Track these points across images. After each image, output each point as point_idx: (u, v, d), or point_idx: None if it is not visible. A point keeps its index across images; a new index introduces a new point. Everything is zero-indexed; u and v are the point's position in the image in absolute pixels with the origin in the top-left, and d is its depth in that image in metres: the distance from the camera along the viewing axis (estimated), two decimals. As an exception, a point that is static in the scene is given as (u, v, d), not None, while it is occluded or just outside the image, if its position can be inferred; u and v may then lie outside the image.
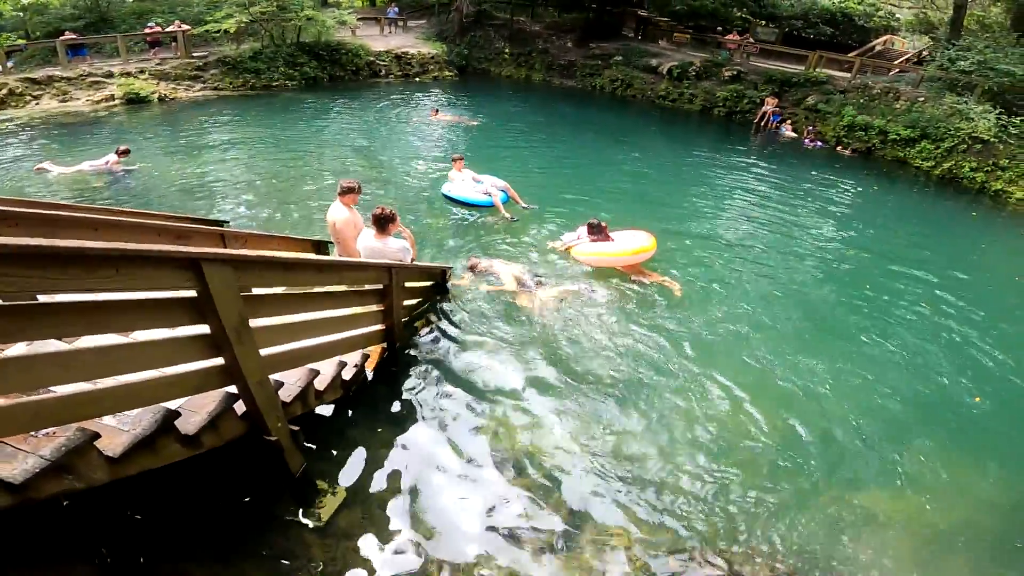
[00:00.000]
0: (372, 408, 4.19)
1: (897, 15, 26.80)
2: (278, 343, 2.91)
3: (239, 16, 15.95)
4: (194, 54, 16.61)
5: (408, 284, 4.69)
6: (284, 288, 3.82)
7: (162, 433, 2.22)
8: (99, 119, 12.75)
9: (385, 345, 4.47)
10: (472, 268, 6.19)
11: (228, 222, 6.31)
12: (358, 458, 3.69)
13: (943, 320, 6.49)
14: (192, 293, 2.22)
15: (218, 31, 16.20)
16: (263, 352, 2.66)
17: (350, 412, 4.10)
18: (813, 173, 12.39)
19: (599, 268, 6.50)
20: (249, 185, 9.17)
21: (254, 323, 2.58)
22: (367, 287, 3.96)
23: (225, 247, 4.19)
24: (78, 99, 13.75)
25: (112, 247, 1.79)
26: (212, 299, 2.25)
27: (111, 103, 13.82)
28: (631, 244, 6.42)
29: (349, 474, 3.56)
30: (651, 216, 8.42)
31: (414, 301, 5.14)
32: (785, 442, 4.32)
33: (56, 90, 13.70)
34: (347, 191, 5.02)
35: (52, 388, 1.92)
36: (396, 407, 4.25)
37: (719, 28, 21.24)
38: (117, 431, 2.13)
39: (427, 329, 5.24)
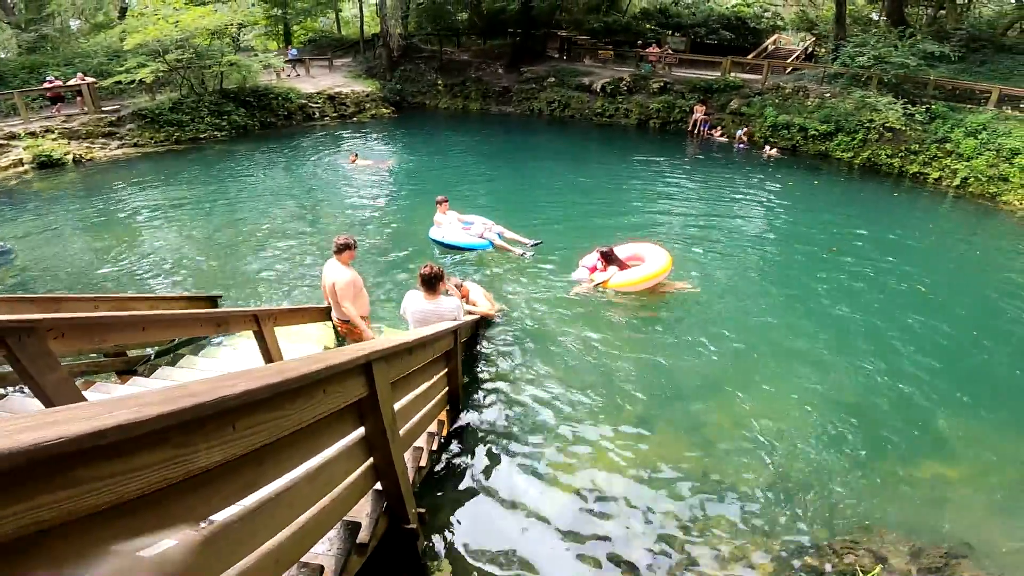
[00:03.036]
0: (449, 473, 3.93)
1: (781, 15, 29.47)
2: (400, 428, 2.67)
3: (154, 65, 14.86)
4: (104, 108, 15.25)
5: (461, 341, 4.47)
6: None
7: (350, 548, 1.98)
8: (12, 188, 11.33)
9: (448, 408, 4.21)
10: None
11: (221, 296, 5.82)
12: (455, 524, 3.51)
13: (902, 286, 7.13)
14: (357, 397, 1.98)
15: (131, 82, 14.99)
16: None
17: (431, 479, 3.83)
18: (754, 177, 13.20)
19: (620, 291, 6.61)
20: (183, 252, 8.20)
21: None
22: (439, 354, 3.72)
23: (260, 329, 3.82)
24: (-20, 167, 12.19)
25: (322, 367, 1.54)
26: (377, 398, 2.02)
27: (20, 168, 12.36)
28: (660, 261, 6.61)
29: (456, 543, 3.37)
30: (623, 231, 8.66)
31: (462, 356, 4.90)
32: (853, 424, 4.60)
33: (-46, 159, 12.09)
34: (343, 248, 4.65)
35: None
36: (468, 466, 4.03)
37: (639, 42, 22.39)
38: (317, 557, 1.86)
39: (470, 380, 5.02)
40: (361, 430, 2.11)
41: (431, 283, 4.02)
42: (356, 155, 13.34)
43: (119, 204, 10.44)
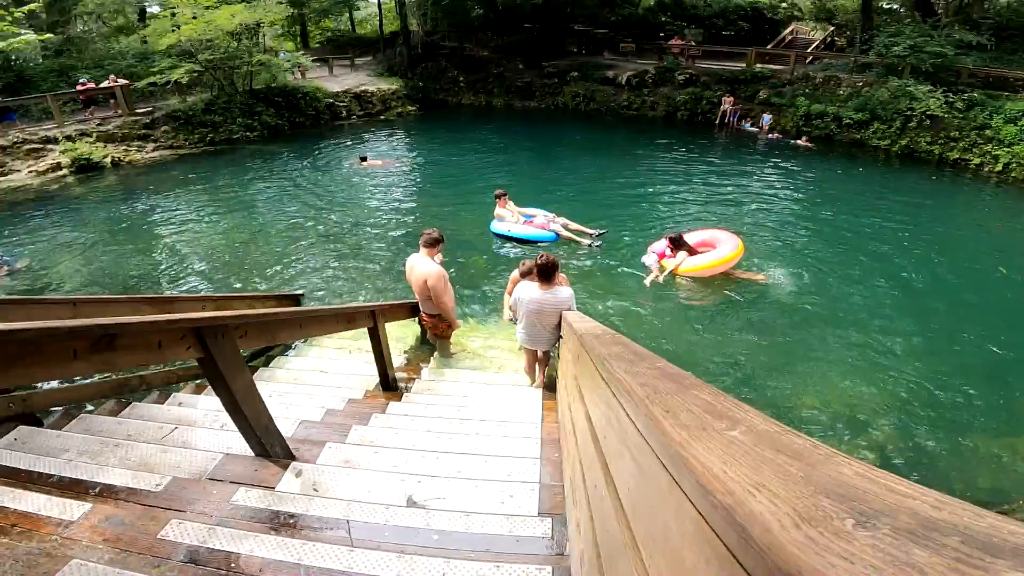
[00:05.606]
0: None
1: (798, 5, 29.11)
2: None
3: (188, 66, 14.88)
4: (138, 110, 15.31)
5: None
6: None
7: None
8: (50, 193, 11.36)
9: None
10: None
11: (303, 294, 5.85)
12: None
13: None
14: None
15: (165, 83, 15.01)
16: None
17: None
18: (795, 166, 13.14)
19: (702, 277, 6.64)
20: (225, 254, 8.22)
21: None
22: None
23: (376, 324, 3.82)
24: (19, 171, 12.27)
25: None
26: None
27: (59, 172, 12.43)
28: (731, 246, 6.58)
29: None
30: (683, 220, 8.68)
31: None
32: (946, 399, 4.56)
33: (-9, 162, 12.17)
34: (434, 242, 4.61)
35: None
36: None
37: (660, 34, 22.23)
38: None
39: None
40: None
41: (549, 273, 3.95)
42: (365, 157, 12.99)
43: (165, 207, 10.47)
